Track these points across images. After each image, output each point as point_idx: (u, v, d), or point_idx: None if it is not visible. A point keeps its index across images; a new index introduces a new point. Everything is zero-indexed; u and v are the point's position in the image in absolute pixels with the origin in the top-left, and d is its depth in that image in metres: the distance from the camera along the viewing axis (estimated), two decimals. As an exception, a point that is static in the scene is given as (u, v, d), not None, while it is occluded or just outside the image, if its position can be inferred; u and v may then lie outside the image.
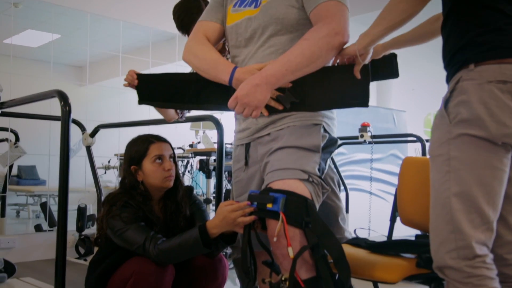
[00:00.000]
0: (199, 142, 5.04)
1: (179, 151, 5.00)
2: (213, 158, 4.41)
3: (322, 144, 1.51)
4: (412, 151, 6.28)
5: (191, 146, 5.23)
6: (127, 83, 1.75)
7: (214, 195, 3.19)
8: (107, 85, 7.37)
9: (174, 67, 5.80)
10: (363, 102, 1.48)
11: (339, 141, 1.64)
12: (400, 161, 2.02)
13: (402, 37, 1.62)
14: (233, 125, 1.77)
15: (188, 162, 5.21)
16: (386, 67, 1.56)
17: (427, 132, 8.62)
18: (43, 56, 6.94)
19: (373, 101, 7.02)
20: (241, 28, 1.61)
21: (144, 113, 4.68)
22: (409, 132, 4.80)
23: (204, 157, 4.49)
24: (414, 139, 4.07)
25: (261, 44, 1.57)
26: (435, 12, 1.59)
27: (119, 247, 1.80)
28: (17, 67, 6.26)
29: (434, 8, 1.52)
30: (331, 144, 1.56)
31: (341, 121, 1.72)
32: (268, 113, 1.52)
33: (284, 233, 1.34)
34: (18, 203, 7.12)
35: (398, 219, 2.02)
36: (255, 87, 1.40)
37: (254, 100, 1.41)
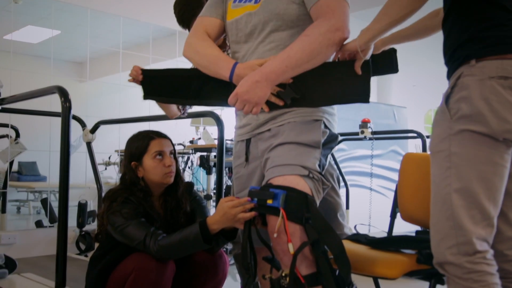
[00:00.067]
0: (199, 138, 5.05)
1: (179, 147, 5.00)
2: (213, 154, 4.42)
3: (322, 140, 1.50)
4: (412, 147, 6.27)
5: (191, 142, 5.24)
6: (131, 78, 1.75)
7: (215, 191, 3.19)
8: (107, 81, 7.37)
9: (175, 63, 5.79)
10: (364, 98, 1.48)
11: (339, 137, 1.63)
12: (401, 157, 2.02)
13: (402, 32, 1.62)
14: (233, 121, 1.77)
15: (188, 158, 5.21)
16: (385, 62, 1.56)
17: (427, 128, 8.61)
18: (43, 52, 6.94)
19: (373, 97, 7.01)
20: (241, 23, 1.60)
21: (145, 109, 4.67)
22: (409, 128, 4.80)
23: (205, 153, 4.50)
24: (414, 135, 4.07)
25: (262, 39, 1.56)
26: (435, 7, 1.59)
27: (119, 243, 1.80)
28: (17, 63, 6.27)
29: (434, 3, 1.52)
30: (331, 140, 1.56)
31: (341, 117, 1.71)
32: (269, 109, 1.52)
33: (285, 229, 1.34)
34: (19, 199, 7.13)
35: (398, 215, 2.02)
36: (255, 83, 1.40)
37: (254, 96, 1.40)
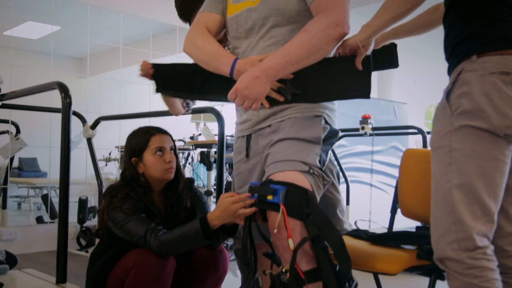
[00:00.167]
0: (200, 134, 5.04)
1: (180, 143, 5.00)
2: (214, 150, 4.41)
3: (323, 136, 1.50)
4: (413, 143, 6.27)
5: (192, 138, 5.23)
6: (142, 73, 1.75)
7: (215, 187, 3.19)
8: (107, 77, 7.35)
9: (175, 59, 5.77)
10: (365, 93, 1.47)
11: (340, 133, 1.63)
12: (401, 153, 2.02)
13: (402, 27, 1.61)
14: (233, 117, 1.77)
15: (189, 154, 5.21)
16: (386, 57, 1.56)
17: (428, 124, 8.61)
18: (43, 48, 6.92)
19: (374, 93, 6.99)
20: (241, 19, 1.60)
21: (145, 105, 4.66)
22: (410, 124, 4.79)
23: (205, 149, 4.50)
24: (415, 131, 4.07)
25: (262, 35, 1.56)
26: (435, 2, 1.58)
27: (120, 238, 1.81)
28: (18, 59, 6.26)
29: (435, -2, 1.52)
30: (332, 136, 1.56)
31: (342, 113, 1.71)
32: (269, 104, 1.52)
33: (285, 225, 1.34)
34: (20, 195, 7.14)
35: (398, 211, 2.03)
36: (254, 79, 1.39)
37: (254, 92, 1.40)
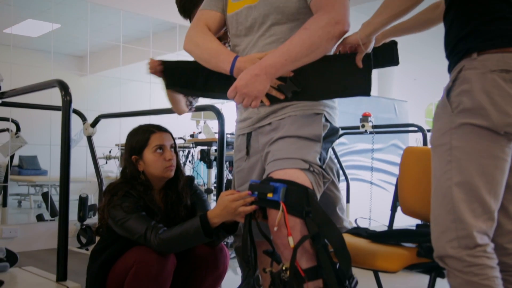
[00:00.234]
0: (200, 132, 5.04)
1: (180, 141, 5.00)
2: (214, 148, 4.41)
3: (323, 134, 1.50)
4: (413, 141, 6.27)
5: (192, 136, 5.23)
6: (152, 70, 1.75)
7: (215, 185, 3.19)
8: (107, 75, 7.35)
9: (175, 57, 5.76)
10: (365, 91, 1.47)
11: (340, 131, 1.63)
12: (401, 151, 2.02)
13: (402, 25, 1.61)
14: (234, 115, 1.77)
15: (189, 152, 5.21)
16: (386, 55, 1.55)
17: (428, 122, 8.60)
18: (43, 46, 6.92)
19: (374, 91, 6.99)
20: (241, 17, 1.59)
21: (145, 103, 4.66)
22: (410, 122, 4.79)
23: (205, 147, 4.50)
24: (415, 129, 4.06)
25: (262, 33, 1.56)
26: (435, 0, 1.58)
27: (120, 236, 1.81)
28: (18, 57, 6.26)
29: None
30: (332, 134, 1.56)
31: (342, 111, 1.71)
32: (270, 102, 1.52)
33: (285, 223, 1.34)
34: (20, 193, 7.14)
35: (399, 209, 2.03)
36: (254, 77, 1.39)
37: (254, 90, 1.40)
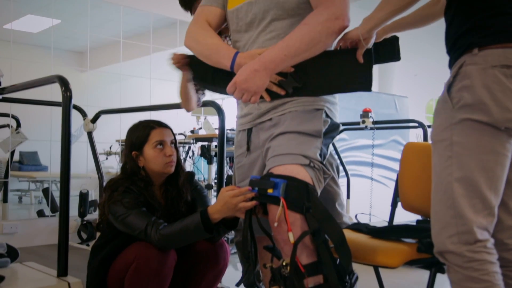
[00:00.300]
0: (200, 128, 5.04)
1: (180, 137, 4.99)
2: (214, 144, 4.41)
3: (323, 129, 1.50)
4: (413, 137, 6.26)
5: (192, 132, 5.23)
6: (178, 64, 1.76)
7: (216, 181, 3.19)
8: (108, 71, 7.34)
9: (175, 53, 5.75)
10: (366, 86, 1.47)
11: (341, 126, 1.63)
12: (402, 147, 2.02)
13: (403, 20, 1.60)
14: (234, 111, 1.77)
15: (189, 148, 5.21)
16: (388, 50, 1.55)
17: (429, 118, 8.59)
18: (43, 42, 6.91)
19: (375, 86, 6.98)
20: (241, 12, 1.59)
21: (145, 98, 4.65)
22: (411, 118, 4.78)
23: (206, 143, 4.50)
24: (416, 125, 4.06)
25: (262, 29, 1.55)
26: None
27: (121, 232, 1.81)
28: (18, 52, 6.23)
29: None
30: (333, 129, 1.56)
31: (343, 106, 1.71)
32: (270, 98, 1.52)
33: (285, 218, 1.34)
34: (20, 188, 7.15)
35: (399, 205, 2.03)
36: (253, 72, 1.39)
37: (253, 85, 1.39)
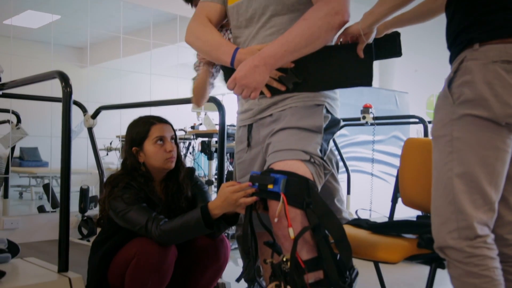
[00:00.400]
0: (200, 124, 5.04)
1: (180, 132, 5.00)
2: (214, 139, 4.41)
3: (324, 125, 1.50)
4: (414, 132, 6.26)
5: (192, 127, 5.23)
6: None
7: (216, 176, 3.19)
8: (108, 66, 7.34)
9: (176, 48, 5.75)
10: (367, 81, 1.47)
11: (341, 122, 1.63)
12: (402, 143, 2.02)
13: (404, 15, 1.60)
14: (234, 107, 1.76)
15: (190, 143, 5.21)
16: (389, 46, 1.55)
17: (429, 114, 8.59)
18: (43, 37, 6.91)
19: (375, 82, 6.99)
20: (241, 8, 1.59)
21: (146, 94, 4.65)
22: (411, 114, 4.78)
23: (206, 139, 4.50)
24: (416, 120, 4.05)
25: (262, 24, 1.55)
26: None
27: (121, 228, 1.81)
28: (18, 48, 6.23)
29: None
30: (333, 125, 1.56)
31: (343, 102, 1.71)
32: (271, 94, 1.51)
33: (285, 214, 1.34)
34: (21, 184, 7.16)
35: (399, 200, 2.03)
36: (253, 68, 1.39)
37: (253, 81, 1.39)
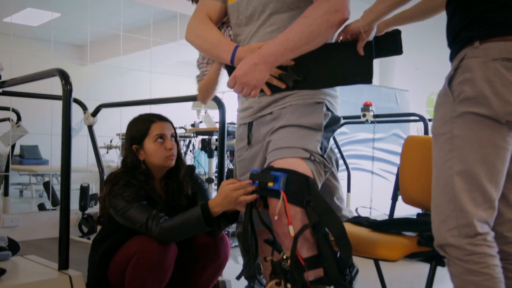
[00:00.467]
0: (201, 122, 5.04)
1: (181, 130, 5.00)
2: (215, 137, 4.42)
3: (324, 123, 1.50)
4: (414, 130, 6.26)
5: (193, 125, 5.23)
6: None
7: (216, 174, 3.19)
8: (108, 64, 7.33)
9: (176, 46, 5.75)
10: (367, 78, 1.47)
11: (342, 120, 1.63)
12: (402, 141, 2.02)
13: (404, 13, 1.60)
14: (235, 105, 1.76)
15: (190, 141, 5.21)
16: (390, 44, 1.54)
17: (429, 112, 8.58)
18: (43, 35, 6.89)
19: (376, 80, 6.98)
20: (242, 6, 1.59)
21: (146, 92, 4.65)
22: (411, 112, 4.78)
23: (206, 137, 4.50)
24: (416, 118, 4.05)
25: (262, 22, 1.55)
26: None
27: (121, 225, 1.81)
28: (18, 46, 6.23)
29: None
30: (334, 123, 1.56)
31: (343, 100, 1.70)
32: (271, 92, 1.51)
33: (285, 212, 1.35)
34: (21, 182, 7.16)
35: (399, 198, 2.03)
36: (253, 66, 1.38)
37: (253, 79, 1.39)
